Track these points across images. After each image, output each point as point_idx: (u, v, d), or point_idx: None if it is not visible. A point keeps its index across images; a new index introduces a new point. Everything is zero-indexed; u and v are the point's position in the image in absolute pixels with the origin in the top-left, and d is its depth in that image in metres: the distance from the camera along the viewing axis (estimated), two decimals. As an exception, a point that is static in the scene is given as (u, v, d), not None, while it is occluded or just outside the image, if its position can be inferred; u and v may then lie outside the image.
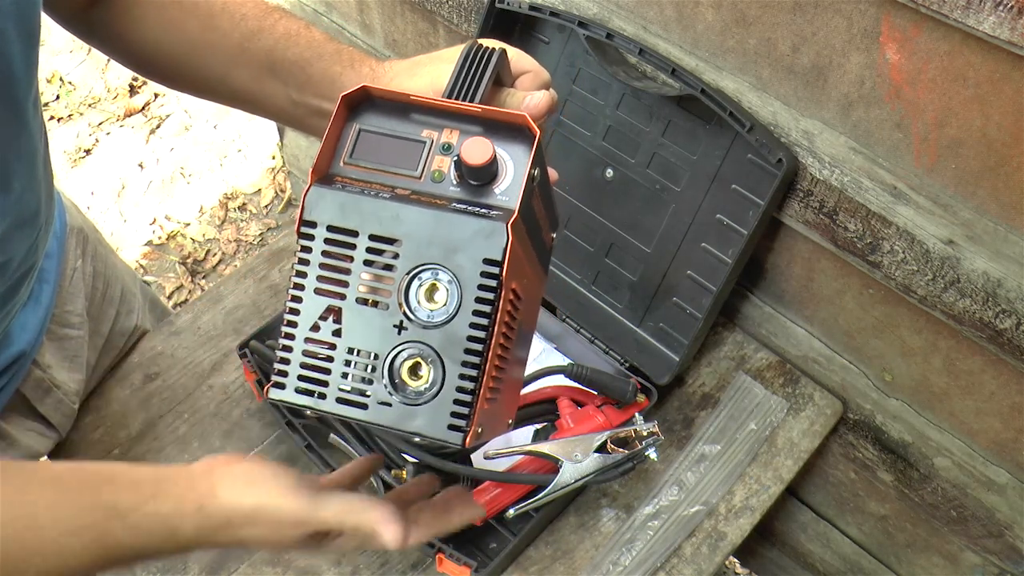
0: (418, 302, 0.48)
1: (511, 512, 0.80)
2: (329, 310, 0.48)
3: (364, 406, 0.48)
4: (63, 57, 2.52)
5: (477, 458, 0.88)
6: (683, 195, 0.92)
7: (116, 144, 2.33)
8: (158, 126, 2.37)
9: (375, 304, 0.48)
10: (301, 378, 0.49)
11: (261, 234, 2.14)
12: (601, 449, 0.81)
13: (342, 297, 0.48)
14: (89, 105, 2.41)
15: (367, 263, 0.48)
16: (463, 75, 0.54)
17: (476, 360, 0.48)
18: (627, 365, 0.94)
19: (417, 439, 0.50)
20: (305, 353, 0.49)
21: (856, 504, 1.09)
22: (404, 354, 0.48)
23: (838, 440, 1.04)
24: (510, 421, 0.62)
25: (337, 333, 0.48)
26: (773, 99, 0.83)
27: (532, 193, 0.51)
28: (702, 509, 0.88)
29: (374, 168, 0.51)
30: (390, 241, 0.47)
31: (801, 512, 1.19)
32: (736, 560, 1.52)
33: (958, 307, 0.77)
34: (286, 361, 0.49)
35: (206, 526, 0.52)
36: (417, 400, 0.48)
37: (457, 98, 0.53)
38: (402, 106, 0.51)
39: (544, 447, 0.82)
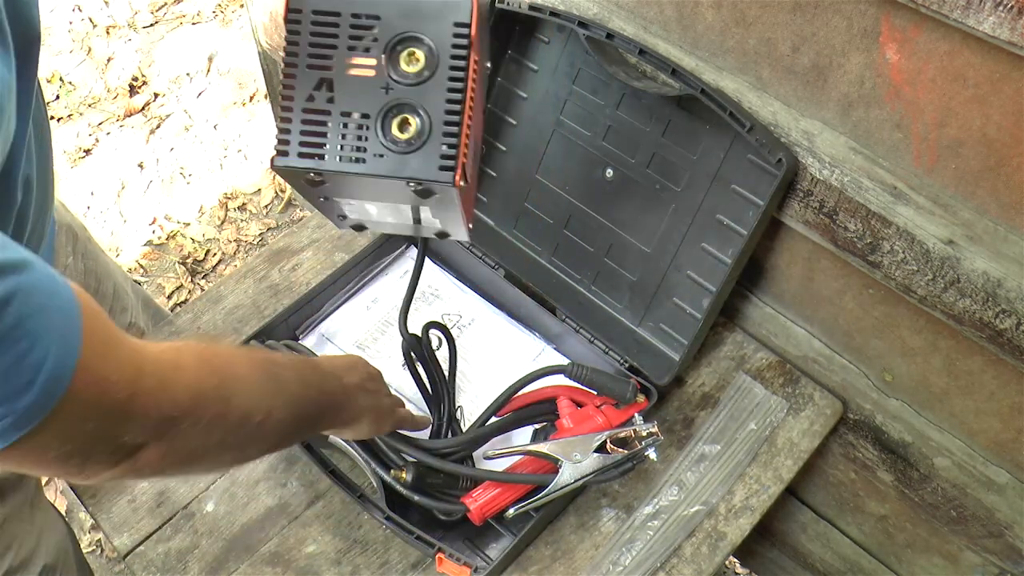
0: (399, 66, 0.56)
1: (511, 512, 0.80)
2: (321, 82, 0.56)
3: (362, 160, 0.56)
4: (63, 57, 2.52)
5: (477, 458, 0.88)
6: (683, 195, 0.92)
7: (116, 144, 2.33)
8: (158, 126, 2.37)
9: (361, 73, 0.55)
10: (302, 144, 0.56)
11: (261, 234, 2.14)
12: (601, 449, 0.81)
13: (330, 68, 0.56)
14: (89, 105, 2.41)
15: (352, 38, 0.55)
16: None
17: (457, 108, 0.56)
18: (627, 365, 0.94)
19: (411, 185, 0.57)
20: (304, 122, 0.56)
21: (856, 504, 1.09)
22: (393, 111, 0.56)
23: (838, 440, 1.04)
24: (471, 225, 0.71)
25: (331, 100, 0.56)
26: (773, 99, 0.83)
27: None
28: (702, 509, 0.88)
29: None
30: (370, 16, 0.55)
31: (801, 512, 1.19)
32: (736, 560, 1.52)
33: (958, 307, 0.77)
34: (287, 131, 0.56)
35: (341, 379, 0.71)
36: (409, 149, 0.56)
37: None
38: None
39: (543, 447, 0.82)
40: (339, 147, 0.56)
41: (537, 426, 0.90)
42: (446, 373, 0.94)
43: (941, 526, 0.99)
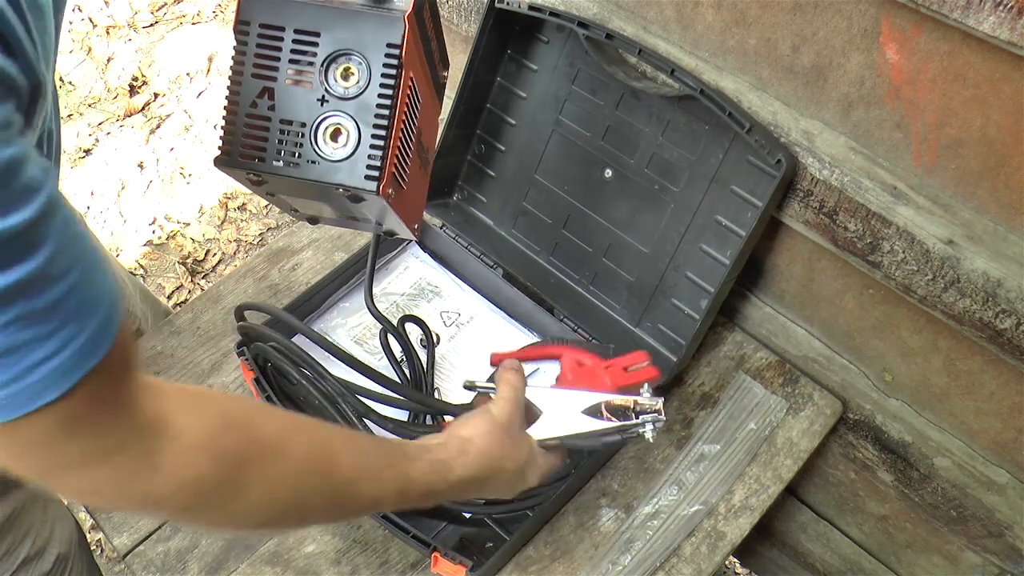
0: (336, 80, 0.60)
1: None
2: (264, 91, 0.60)
3: (296, 165, 0.61)
4: (63, 57, 2.52)
5: (459, 391, 0.89)
6: (682, 196, 0.92)
7: (116, 144, 2.33)
8: (158, 126, 2.37)
9: (301, 84, 0.60)
10: (243, 146, 0.61)
11: (261, 234, 2.14)
12: (594, 413, 0.71)
13: (274, 79, 0.60)
14: (89, 105, 2.41)
15: (294, 51, 0.60)
16: None
17: (384, 122, 0.60)
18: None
19: (340, 190, 0.62)
20: (246, 126, 0.61)
21: (856, 504, 1.09)
22: (327, 122, 0.61)
23: (838, 440, 1.04)
24: (416, 226, 0.75)
25: (272, 108, 0.60)
26: (773, 99, 0.83)
27: (423, 7, 0.62)
28: (701, 509, 0.88)
29: None
30: (312, 33, 0.59)
31: (801, 512, 1.19)
32: (736, 560, 1.52)
33: (958, 307, 0.77)
34: (231, 134, 0.61)
35: (468, 464, 0.66)
36: (339, 158, 0.61)
37: None
38: None
39: (530, 392, 0.72)
40: (277, 151, 0.61)
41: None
42: (424, 364, 0.95)
43: (941, 526, 0.99)
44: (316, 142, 0.61)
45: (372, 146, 0.61)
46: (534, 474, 0.72)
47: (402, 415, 0.88)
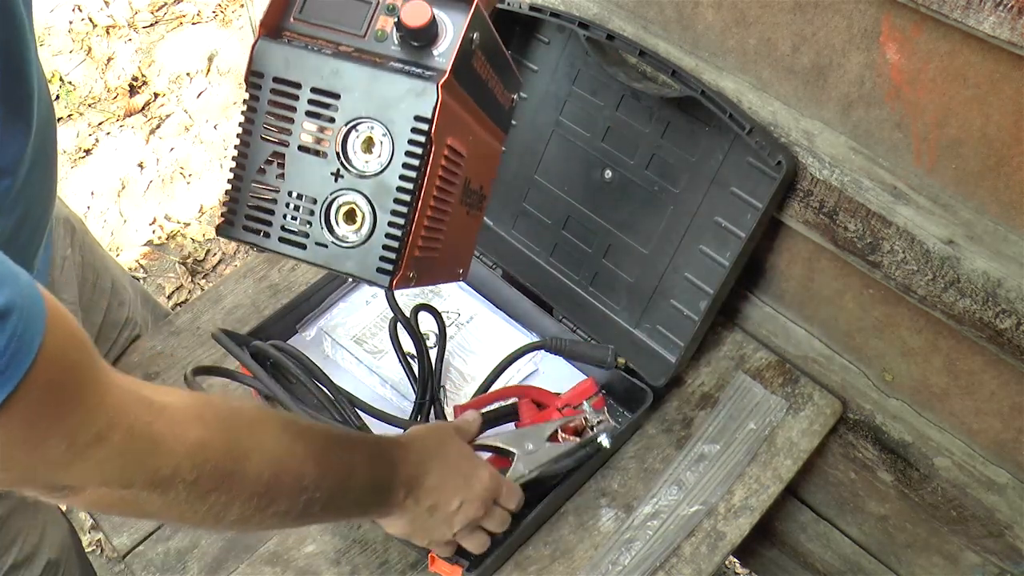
0: (355, 152, 0.52)
1: None
2: (274, 155, 0.52)
3: (303, 246, 0.53)
4: (63, 57, 2.52)
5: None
6: (682, 197, 0.92)
7: (116, 144, 2.33)
8: (158, 126, 2.37)
9: (316, 152, 0.52)
10: (248, 217, 0.54)
11: (261, 234, 2.14)
12: (553, 439, 0.80)
13: (286, 144, 0.52)
14: (89, 105, 2.41)
15: (309, 114, 0.51)
16: None
17: (403, 209, 0.51)
18: (623, 366, 0.94)
19: (351, 280, 0.56)
20: (252, 195, 0.53)
21: (856, 504, 1.09)
22: (341, 200, 0.52)
23: (838, 440, 1.04)
24: (461, 270, 0.68)
25: (281, 177, 0.53)
26: (773, 99, 0.83)
27: (471, 55, 0.54)
28: (701, 509, 0.88)
29: (321, 25, 0.53)
30: (330, 94, 0.51)
31: (801, 512, 1.19)
32: (736, 560, 1.52)
33: (958, 307, 0.77)
34: (235, 200, 0.54)
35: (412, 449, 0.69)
36: (351, 243, 0.52)
37: None
38: None
39: (495, 440, 0.80)
40: (282, 227, 0.53)
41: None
42: (433, 357, 0.94)
43: (941, 526, 0.99)
44: (327, 222, 0.52)
45: (388, 235, 0.52)
46: (480, 485, 0.73)
47: (404, 413, 0.88)
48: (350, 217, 0.52)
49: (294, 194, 0.52)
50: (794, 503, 1.19)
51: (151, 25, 2.63)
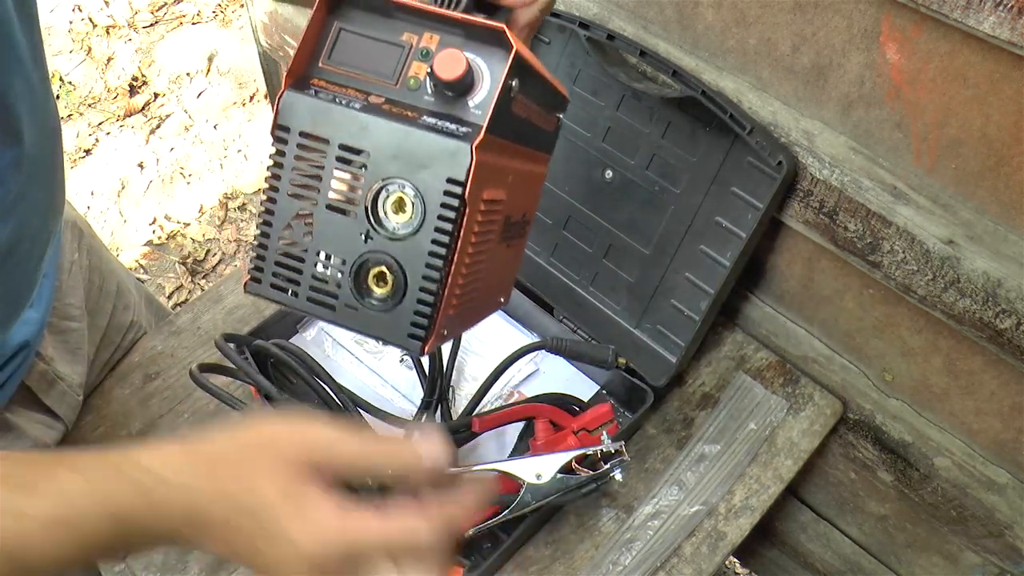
0: (385, 213, 0.49)
1: (470, 531, 0.77)
2: (301, 214, 0.50)
3: (332, 307, 0.51)
4: (63, 57, 2.52)
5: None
6: (682, 197, 0.92)
7: (116, 144, 2.33)
8: (158, 126, 2.37)
9: (345, 212, 0.49)
10: (276, 275, 0.51)
11: (261, 234, 2.14)
12: (566, 470, 0.78)
13: (314, 202, 0.50)
14: (89, 105, 2.41)
15: (337, 171, 0.49)
16: None
17: (436, 275, 0.49)
18: (623, 366, 0.94)
19: (380, 343, 0.52)
20: (280, 253, 0.51)
21: (856, 504, 1.09)
22: (371, 261, 0.50)
23: (838, 440, 1.04)
24: (502, 299, 0.65)
25: (308, 235, 0.50)
26: (773, 99, 0.83)
27: (509, 103, 0.51)
28: (702, 509, 0.88)
29: (351, 72, 0.51)
30: (359, 152, 0.48)
31: (801, 512, 1.19)
32: (736, 560, 1.52)
33: (958, 307, 0.77)
34: (262, 258, 0.51)
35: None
36: (381, 307, 0.50)
37: (441, 5, 0.53)
38: (385, 6, 0.51)
39: (507, 466, 0.78)
40: (311, 287, 0.51)
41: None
42: (445, 357, 0.93)
43: (941, 526, 0.99)
44: (356, 284, 0.50)
45: (420, 300, 0.49)
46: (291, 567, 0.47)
47: (407, 413, 0.88)
48: (380, 280, 0.50)
49: (322, 254, 0.50)
50: (794, 503, 1.19)
51: (151, 25, 2.63)
